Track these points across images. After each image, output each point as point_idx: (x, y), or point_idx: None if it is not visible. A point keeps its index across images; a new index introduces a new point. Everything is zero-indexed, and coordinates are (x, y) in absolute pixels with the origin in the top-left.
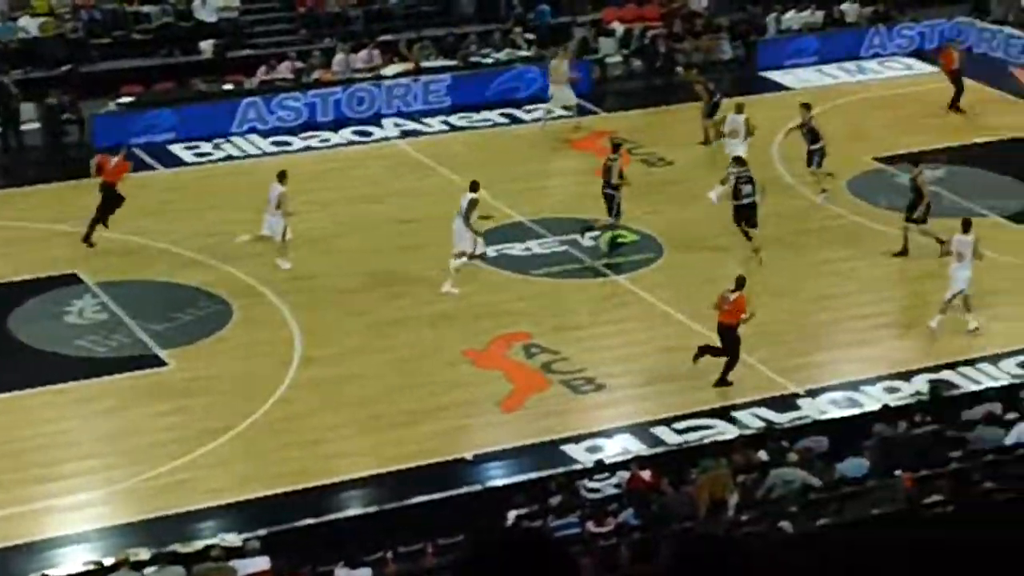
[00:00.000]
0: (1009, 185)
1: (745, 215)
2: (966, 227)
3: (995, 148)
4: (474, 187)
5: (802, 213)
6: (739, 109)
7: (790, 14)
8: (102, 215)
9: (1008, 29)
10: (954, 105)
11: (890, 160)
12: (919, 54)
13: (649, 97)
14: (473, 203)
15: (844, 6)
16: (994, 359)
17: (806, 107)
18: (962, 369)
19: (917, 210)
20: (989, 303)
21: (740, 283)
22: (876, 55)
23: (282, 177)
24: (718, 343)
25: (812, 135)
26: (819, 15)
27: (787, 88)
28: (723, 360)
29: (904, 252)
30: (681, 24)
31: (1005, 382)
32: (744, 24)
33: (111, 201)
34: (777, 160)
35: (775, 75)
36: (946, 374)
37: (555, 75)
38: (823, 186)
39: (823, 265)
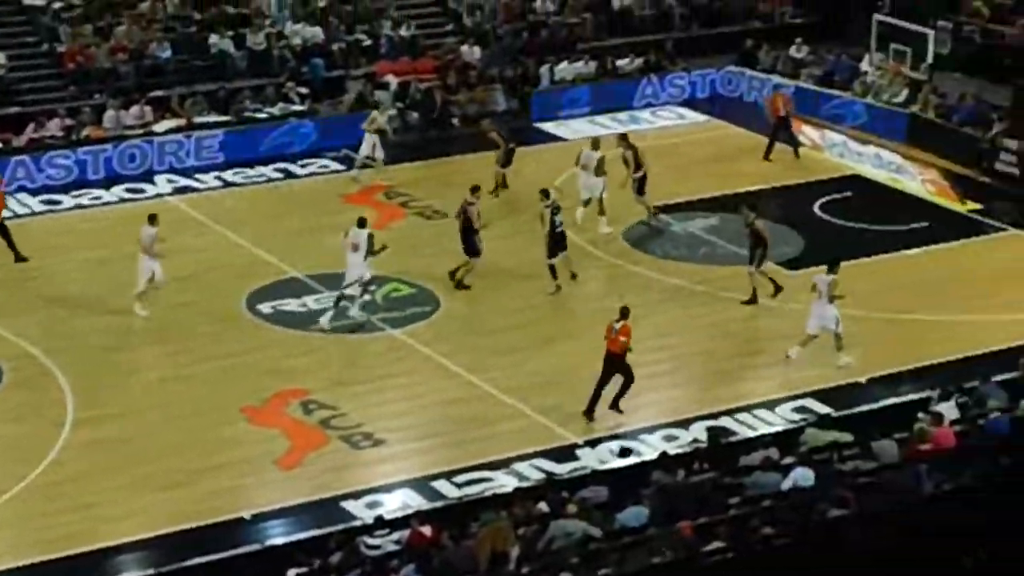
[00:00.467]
0: (782, 232)
1: (560, 244)
2: (831, 266)
3: (768, 195)
4: (362, 223)
5: (577, 261)
6: (595, 145)
7: (563, 65)
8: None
9: (776, 78)
10: (767, 155)
11: (664, 209)
12: (690, 103)
13: (425, 149)
14: (371, 237)
15: (618, 60)
16: (770, 404)
17: (623, 137)
18: (739, 415)
19: (756, 252)
20: (768, 349)
21: (624, 313)
22: (648, 105)
23: (152, 220)
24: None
25: (635, 164)
26: (592, 66)
27: (561, 139)
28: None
29: (753, 300)
30: (455, 76)
31: (781, 427)
32: (518, 75)
33: None
34: None
35: (549, 126)
36: (724, 420)
37: (370, 126)
38: (651, 210)
39: (600, 314)
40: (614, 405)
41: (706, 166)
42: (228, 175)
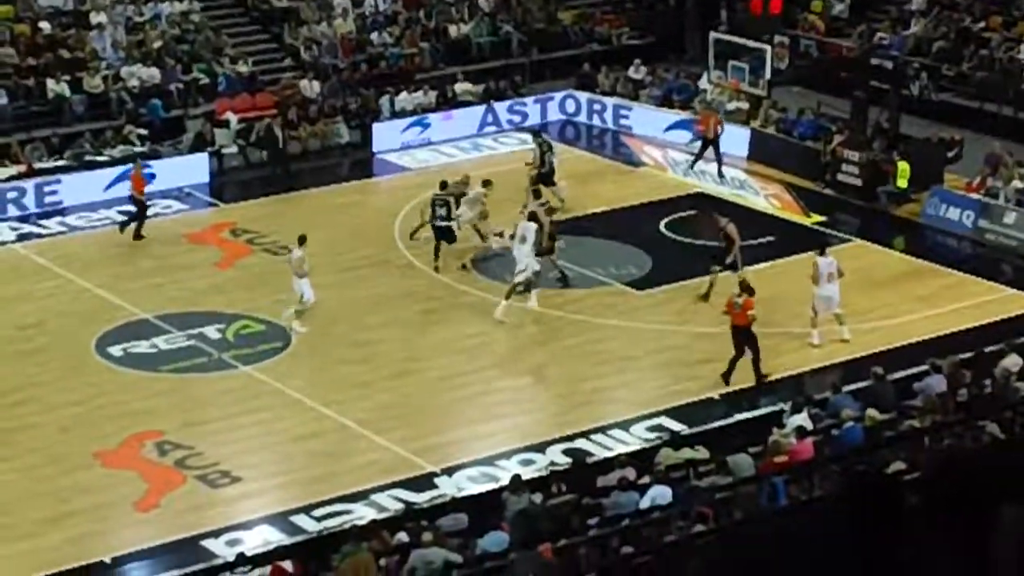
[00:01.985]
0: (628, 253)
1: (443, 236)
2: (822, 250)
3: (613, 217)
4: (532, 217)
5: (426, 291)
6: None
7: (403, 96)
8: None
9: (616, 100)
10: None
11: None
12: (532, 129)
13: (269, 186)
14: (539, 230)
15: (457, 86)
16: (625, 424)
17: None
18: (595, 436)
19: (729, 257)
20: (620, 369)
21: (745, 287)
22: (491, 132)
23: (302, 241)
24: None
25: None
26: (432, 95)
27: (406, 168)
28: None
29: (706, 297)
30: (296, 111)
31: (637, 447)
32: (358, 108)
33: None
34: (398, 238)
35: (392, 156)
36: (580, 443)
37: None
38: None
39: (453, 342)
40: (758, 380)
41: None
42: (71, 219)
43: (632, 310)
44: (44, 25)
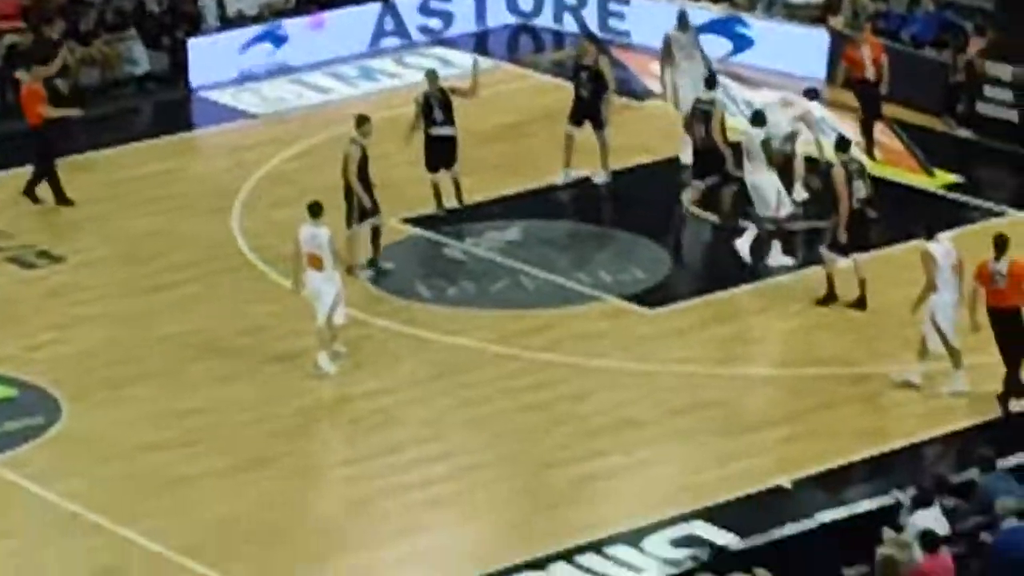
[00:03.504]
0: (631, 245)
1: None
2: (930, 234)
3: (602, 186)
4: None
5: (289, 321)
6: None
7: None
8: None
9: None
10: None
11: (428, 222)
12: (458, 42)
13: (12, 151)
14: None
15: None
16: (634, 537)
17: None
18: (583, 558)
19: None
20: (621, 441)
21: (1000, 243)
22: (392, 48)
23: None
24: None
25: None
26: None
27: (246, 113)
28: None
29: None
30: (60, 21)
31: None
32: (164, 11)
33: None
34: (239, 233)
35: (222, 95)
36: (558, 571)
37: None
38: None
39: (335, 407)
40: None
41: (493, 145)
42: None
43: (638, 341)
44: None
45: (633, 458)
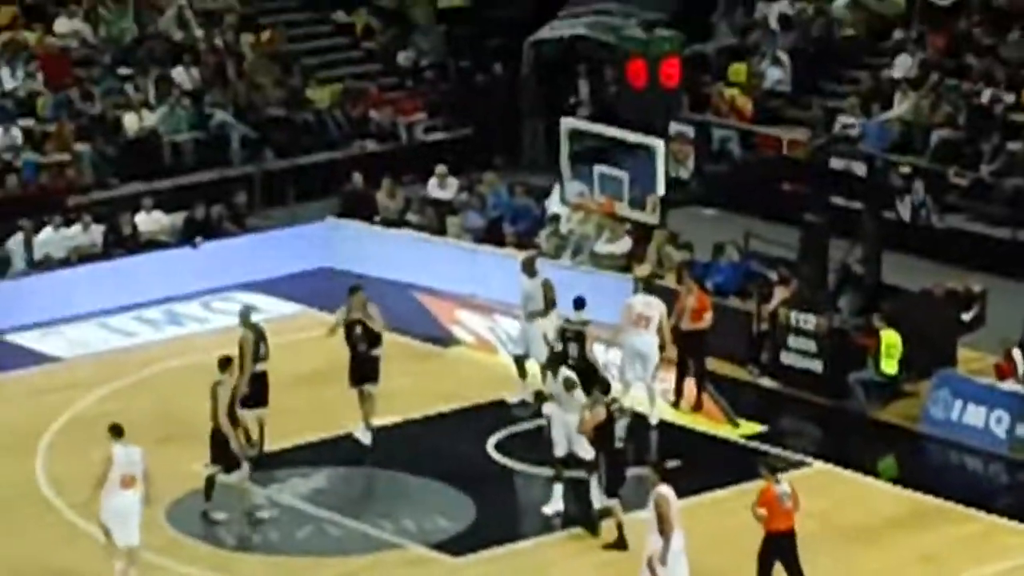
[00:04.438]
0: (435, 495)
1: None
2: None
3: (405, 433)
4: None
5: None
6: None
7: (46, 233)
8: None
9: (408, 233)
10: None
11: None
12: (268, 286)
13: None
14: None
15: (139, 216)
16: None
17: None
18: None
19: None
20: None
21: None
22: (199, 293)
23: None
24: None
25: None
26: (95, 231)
27: (48, 357)
28: None
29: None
30: None
31: None
32: None
33: None
34: (44, 482)
35: (26, 339)
36: None
37: None
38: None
39: None
40: None
41: (298, 391)
42: None
43: None
44: None
45: None
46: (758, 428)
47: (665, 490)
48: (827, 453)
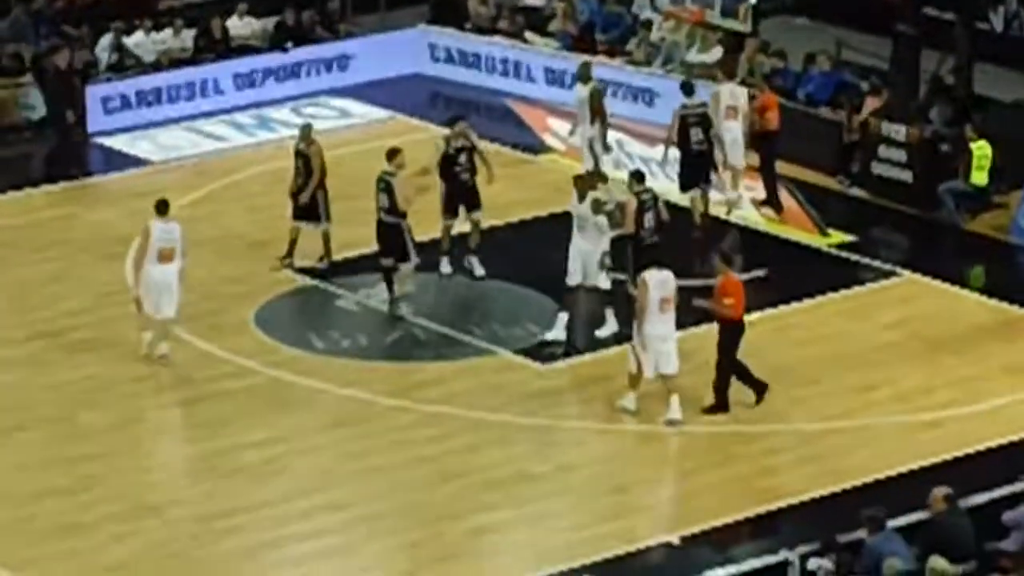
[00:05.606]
0: (524, 301)
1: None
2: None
3: (496, 240)
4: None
5: (188, 369)
6: None
7: (137, 36)
8: None
9: (500, 41)
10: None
11: (312, 271)
12: (359, 91)
13: None
14: None
15: (230, 21)
16: None
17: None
18: None
19: None
20: (511, 496)
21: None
22: (289, 98)
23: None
24: None
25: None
26: (186, 36)
27: (142, 160)
28: None
29: None
30: None
31: None
32: (59, 57)
33: None
34: (132, 282)
35: (118, 141)
36: None
37: None
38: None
39: (223, 456)
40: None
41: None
42: None
43: (531, 395)
44: None
45: (524, 512)
46: (848, 238)
47: (647, 274)
48: (916, 263)
